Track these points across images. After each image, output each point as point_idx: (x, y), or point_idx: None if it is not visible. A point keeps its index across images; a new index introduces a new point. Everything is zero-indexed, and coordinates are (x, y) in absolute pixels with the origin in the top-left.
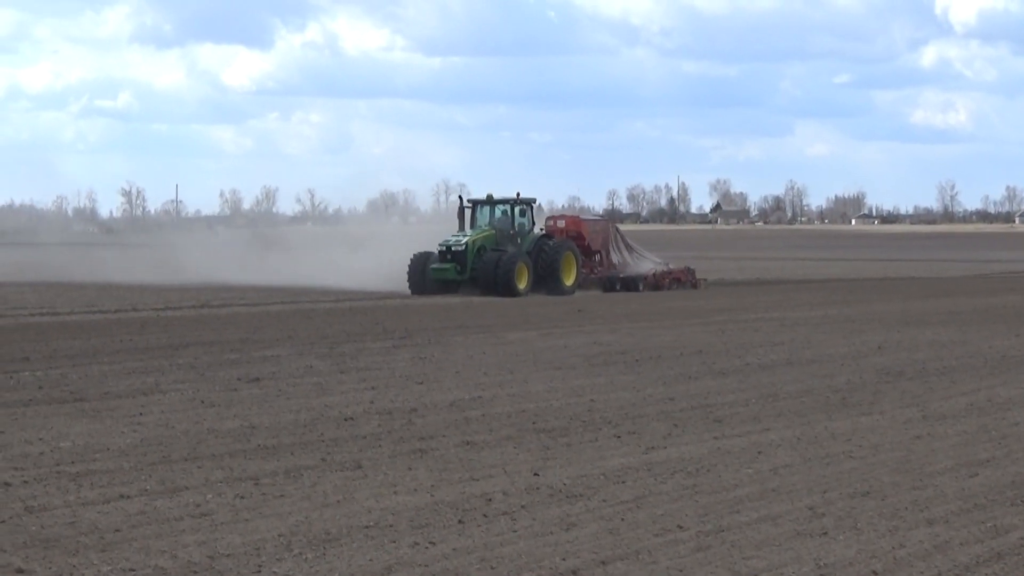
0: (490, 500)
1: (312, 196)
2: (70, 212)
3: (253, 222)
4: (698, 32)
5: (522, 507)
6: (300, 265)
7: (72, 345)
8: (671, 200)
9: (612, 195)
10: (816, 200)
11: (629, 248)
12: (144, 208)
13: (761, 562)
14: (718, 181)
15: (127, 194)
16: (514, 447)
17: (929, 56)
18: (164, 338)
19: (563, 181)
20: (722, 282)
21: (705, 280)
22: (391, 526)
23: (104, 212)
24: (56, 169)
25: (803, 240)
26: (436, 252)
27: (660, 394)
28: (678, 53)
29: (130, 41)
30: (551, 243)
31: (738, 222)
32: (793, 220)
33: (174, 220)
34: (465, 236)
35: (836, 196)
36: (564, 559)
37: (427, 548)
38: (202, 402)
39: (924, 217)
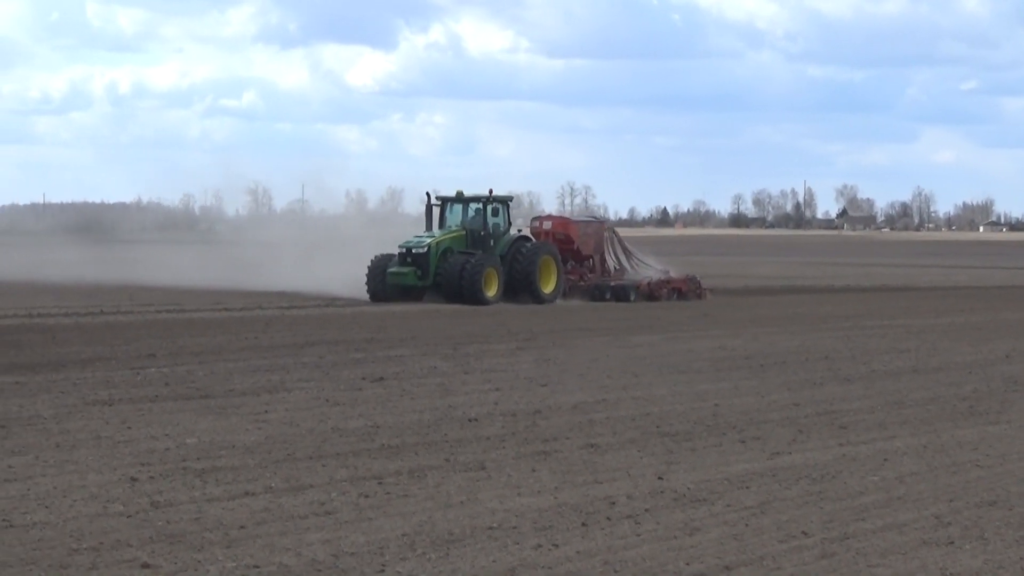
0: (614, 503)
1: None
2: (197, 210)
3: (378, 222)
4: (824, 36)
5: (646, 511)
6: None
7: (198, 342)
8: (797, 205)
9: (738, 199)
10: (943, 207)
11: (627, 254)
12: (270, 207)
13: (886, 570)
14: (844, 187)
15: (253, 193)
16: (638, 450)
17: None
18: (289, 336)
19: (688, 185)
20: (849, 288)
21: (712, 290)
22: (514, 527)
23: (230, 211)
24: (182, 167)
25: (930, 247)
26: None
27: (785, 400)
28: (804, 57)
29: (254, 40)
30: (528, 246)
31: (864, 228)
32: (920, 227)
33: (300, 219)
34: (428, 237)
35: (964, 203)
36: (688, 564)
37: (550, 550)
38: (327, 400)
39: None
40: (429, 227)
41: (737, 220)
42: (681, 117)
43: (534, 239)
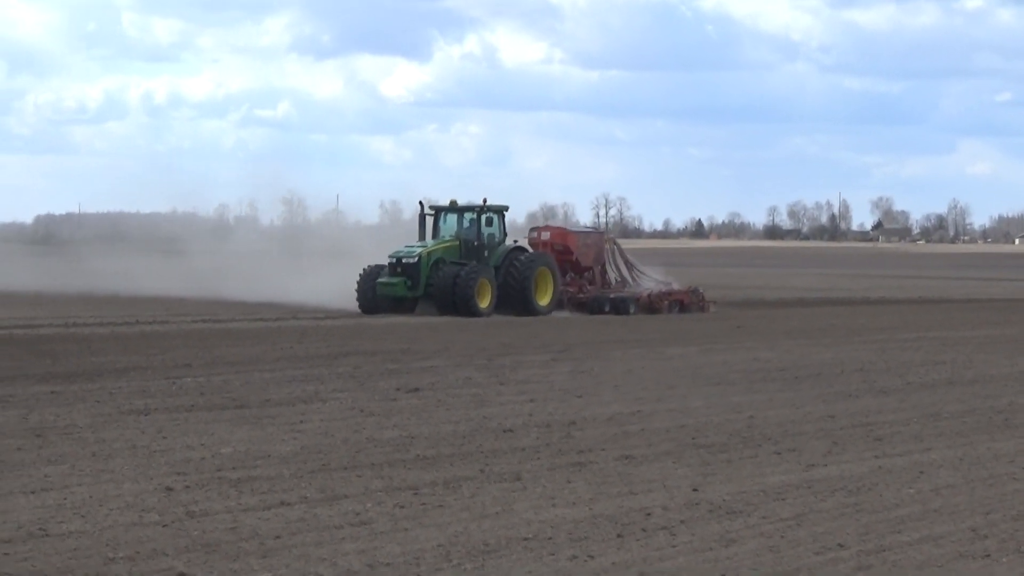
0: (649, 515)
1: None
2: (232, 220)
3: (413, 233)
4: (859, 48)
5: (681, 522)
6: None
7: (233, 352)
8: (832, 217)
9: (772, 211)
10: (979, 219)
11: (629, 265)
12: (305, 217)
13: None
14: (880, 199)
15: (288, 203)
16: (673, 462)
17: None
18: (324, 347)
19: (723, 197)
20: (884, 300)
21: (715, 303)
22: (550, 539)
23: (265, 220)
24: (217, 177)
25: (965, 259)
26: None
27: (820, 411)
28: (838, 69)
29: (289, 51)
30: (523, 257)
31: (900, 240)
32: (956, 239)
33: (335, 230)
34: (419, 247)
35: (999, 215)
36: (724, 575)
37: (586, 561)
38: (362, 411)
39: None
40: (422, 237)
41: (772, 232)
42: (716, 129)
43: (532, 250)
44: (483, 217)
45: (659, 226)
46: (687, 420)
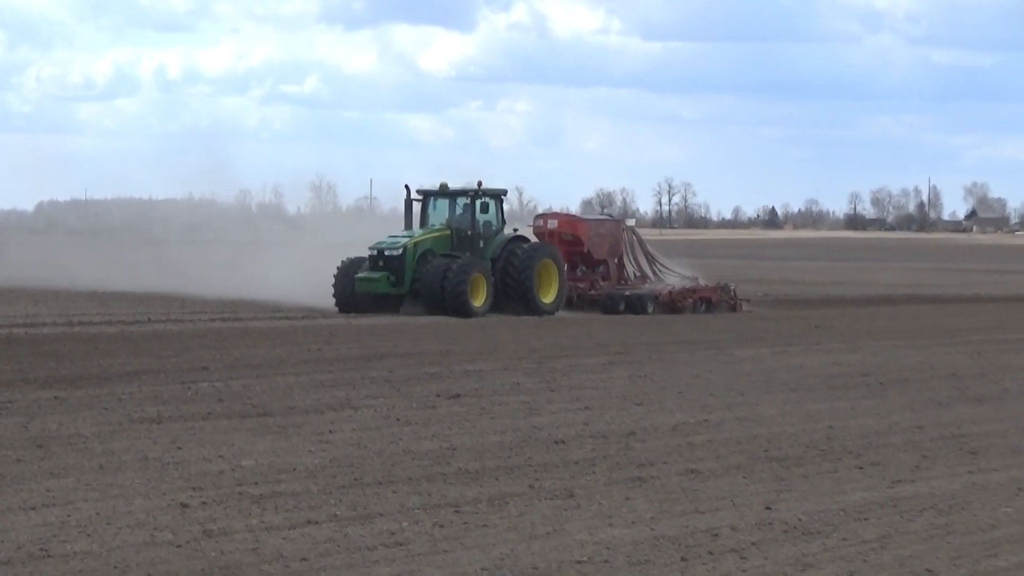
0: (716, 535)
1: (520, 194)
2: (254, 208)
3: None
4: (950, 18)
5: (752, 544)
6: None
7: (255, 354)
8: (920, 205)
9: (854, 198)
10: None
11: (650, 259)
12: (335, 204)
13: None
14: (974, 185)
15: (316, 189)
16: (744, 477)
17: None
18: (356, 348)
19: (799, 182)
20: (979, 298)
21: (748, 301)
22: (606, 562)
23: (291, 208)
24: (238, 160)
25: None
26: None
27: (907, 421)
28: (927, 41)
29: (318, 20)
30: (524, 248)
31: (996, 231)
32: None
33: (368, 217)
34: (405, 237)
35: None
36: None
37: None
38: (397, 420)
39: None
40: (409, 225)
41: (854, 221)
42: (791, 106)
43: (536, 240)
44: (478, 202)
45: (728, 215)
46: (759, 430)
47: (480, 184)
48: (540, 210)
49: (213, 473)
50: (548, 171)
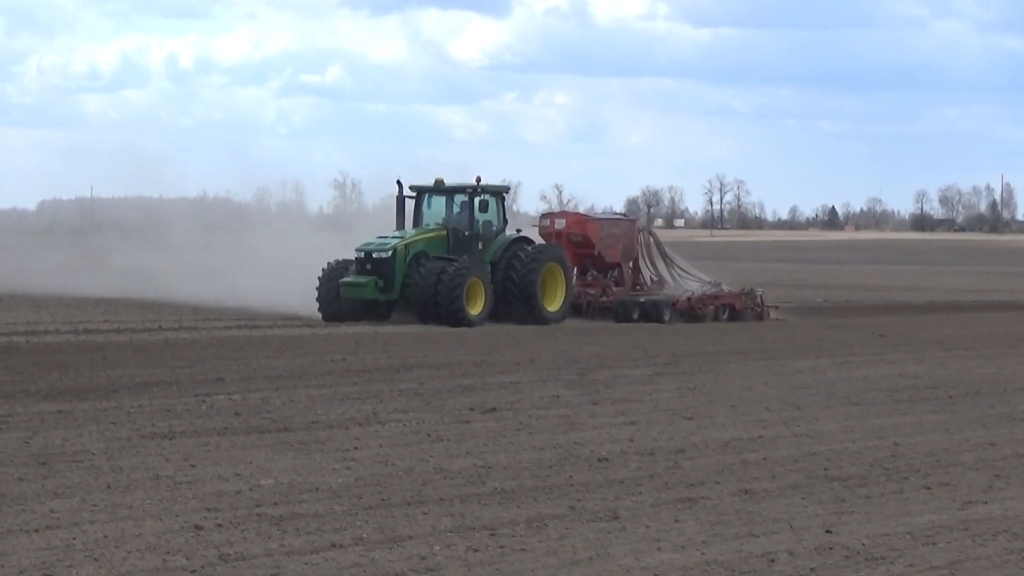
0: (773, 561)
1: (560, 192)
2: (273, 206)
3: None
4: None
5: (811, 570)
6: None
7: (274, 364)
8: (992, 204)
9: (921, 197)
10: None
11: (668, 262)
12: (360, 203)
13: None
14: None
15: (340, 186)
16: (802, 498)
17: None
18: (383, 358)
19: (861, 180)
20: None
21: (776, 308)
22: None
23: (313, 206)
24: (255, 156)
25: None
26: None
27: (979, 438)
28: (999, 27)
29: (341, 5)
30: (527, 250)
31: None
32: None
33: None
34: (395, 238)
35: None
36: None
37: None
38: (428, 435)
39: None
40: (401, 225)
41: (920, 222)
42: (851, 98)
43: (542, 241)
44: (477, 200)
45: (784, 215)
46: (818, 447)
47: (479, 180)
48: (582, 210)
49: (229, 493)
50: (590, 168)
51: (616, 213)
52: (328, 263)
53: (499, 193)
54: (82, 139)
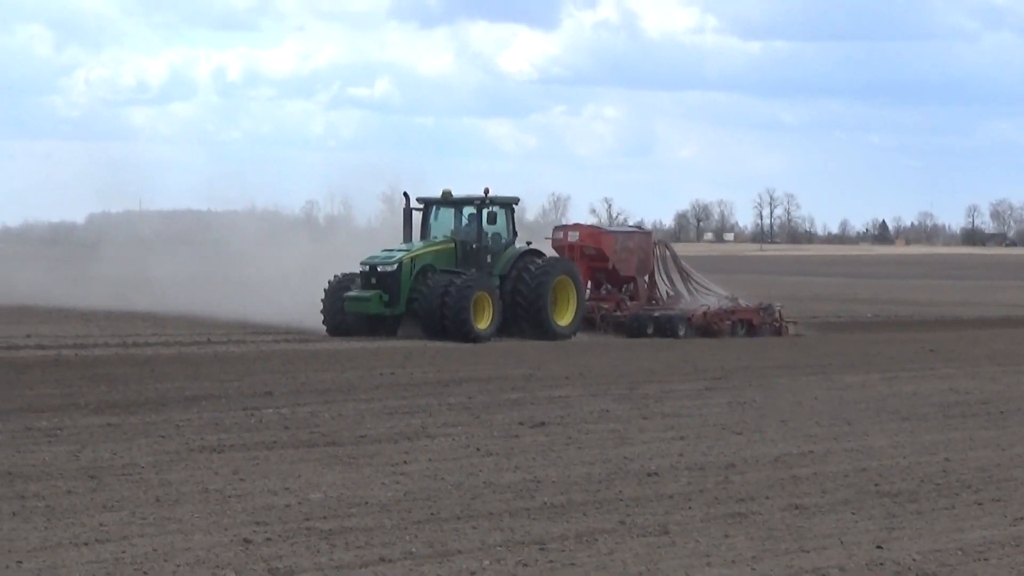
0: None
1: (609, 205)
2: (321, 220)
3: (533, 234)
4: None
5: None
6: None
7: (323, 378)
8: None
9: (972, 211)
10: None
11: (684, 276)
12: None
13: None
14: None
15: (388, 200)
16: (852, 513)
17: None
18: (432, 372)
19: (911, 194)
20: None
21: (795, 323)
22: None
23: (361, 220)
24: (303, 168)
25: None
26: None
27: None
28: None
29: (389, 17)
30: (538, 263)
31: None
32: None
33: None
34: (401, 251)
35: None
36: None
37: None
38: (477, 450)
39: None
40: (408, 238)
41: (971, 236)
42: (902, 111)
43: (554, 254)
44: (485, 212)
45: (835, 229)
46: (869, 463)
47: (487, 191)
48: (631, 223)
49: (279, 507)
50: (639, 182)
51: (631, 226)
52: (334, 276)
53: (508, 205)
54: (129, 152)
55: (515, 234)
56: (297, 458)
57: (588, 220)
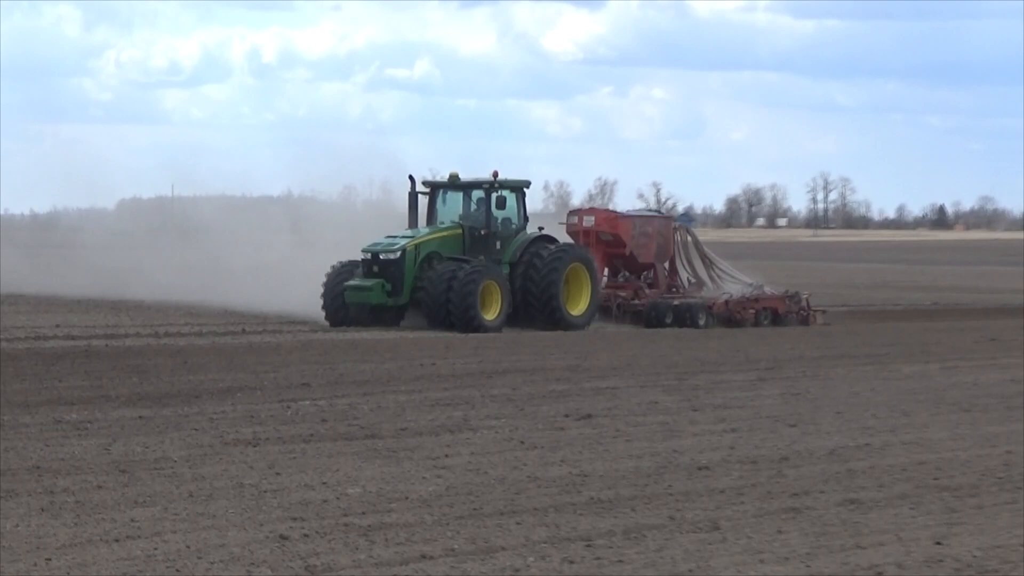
0: (880, 573)
1: (658, 190)
2: (359, 205)
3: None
4: None
5: None
6: None
7: (362, 369)
8: None
9: None
10: None
11: (707, 262)
12: None
13: None
14: None
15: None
16: (910, 508)
17: None
18: (474, 363)
19: (971, 177)
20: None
21: (824, 312)
22: None
23: (401, 206)
24: (341, 152)
25: None
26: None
27: None
28: None
29: None
30: (550, 250)
31: None
32: None
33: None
34: (405, 238)
35: None
36: None
37: None
38: (521, 443)
39: None
40: (414, 223)
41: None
42: (962, 92)
43: (568, 240)
44: (494, 196)
45: (891, 214)
46: (927, 456)
47: (496, 174)
48: (681, 208)
49: (316, 502)
50: (689, 165)
51: (650, 210)
52: (334, 264)
53: (519, 188)
54: (161, 136)
55: (526, 219)
56: (335, 451)
57: (636, 205)
